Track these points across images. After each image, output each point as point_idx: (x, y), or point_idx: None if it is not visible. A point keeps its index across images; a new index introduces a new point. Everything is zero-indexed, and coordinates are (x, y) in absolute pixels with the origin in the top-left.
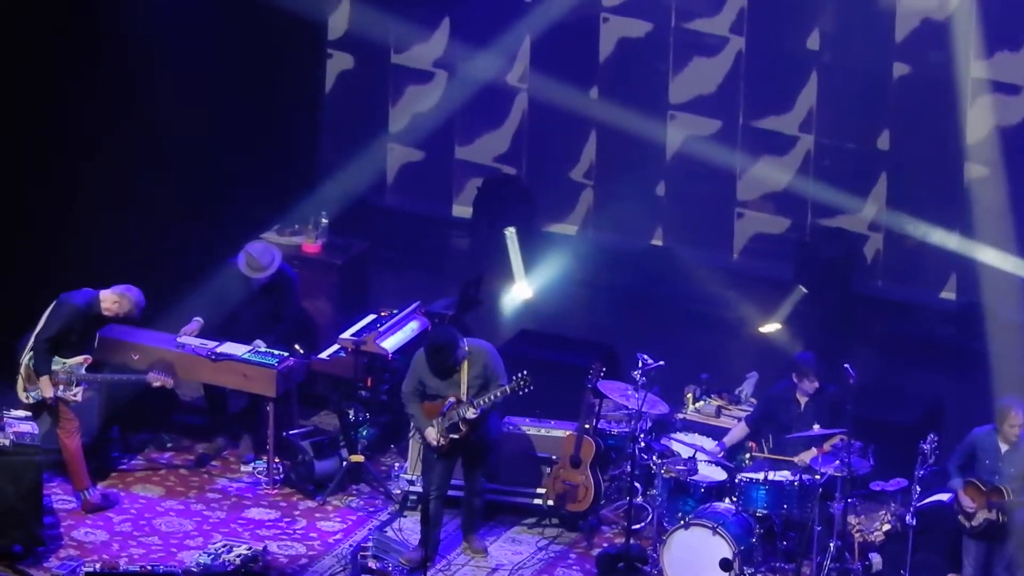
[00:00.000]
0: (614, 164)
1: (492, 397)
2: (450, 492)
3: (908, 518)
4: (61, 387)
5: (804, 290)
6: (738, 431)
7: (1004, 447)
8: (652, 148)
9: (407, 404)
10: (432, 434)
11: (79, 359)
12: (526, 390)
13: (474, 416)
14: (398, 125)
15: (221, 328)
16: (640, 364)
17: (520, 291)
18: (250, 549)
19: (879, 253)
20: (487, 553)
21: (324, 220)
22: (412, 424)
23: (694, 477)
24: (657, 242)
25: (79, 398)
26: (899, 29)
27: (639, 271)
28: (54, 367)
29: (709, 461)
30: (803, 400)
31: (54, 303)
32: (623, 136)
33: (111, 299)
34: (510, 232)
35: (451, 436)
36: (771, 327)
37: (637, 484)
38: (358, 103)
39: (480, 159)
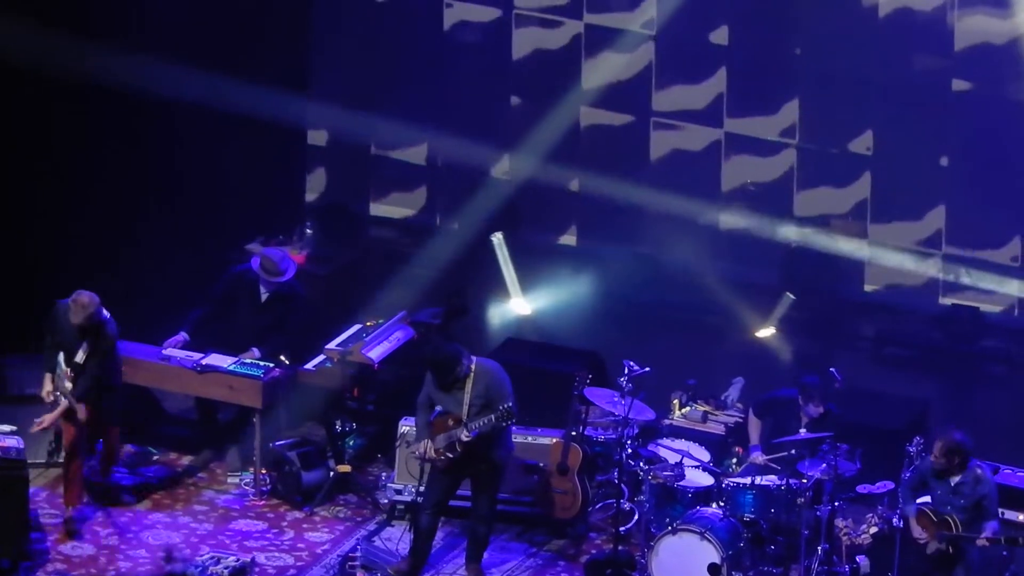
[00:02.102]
0: (601, 174)
1: (483, 423)
2: (452, 502)
3: (895, 521)
4: (57, 392)
5: (792, 296)
6: (755, 426)
7: (953, 480)
8: (637, 156)
9: (417, 413)
10: (421, 447)
11: (68, 372)
12: (509, 423)
13: (467, 439)
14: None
15: (220, 337)
16: (626, 370)
17: (518, 306)
18: (238, 560)
19: (865, 258)
20: None
21: (309, 230)
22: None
23: (681, 483)
24: (642, 249)
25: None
26: (886, 33)
27: (625, 278)
28: (57, 371)
29: (696, 466)
30: (805, 420)
31: None
32: (609, 146)
33: (69, 306)
34: (497, 238)
35: (448, 455)
36: (766, 331)
37: (625, 490)
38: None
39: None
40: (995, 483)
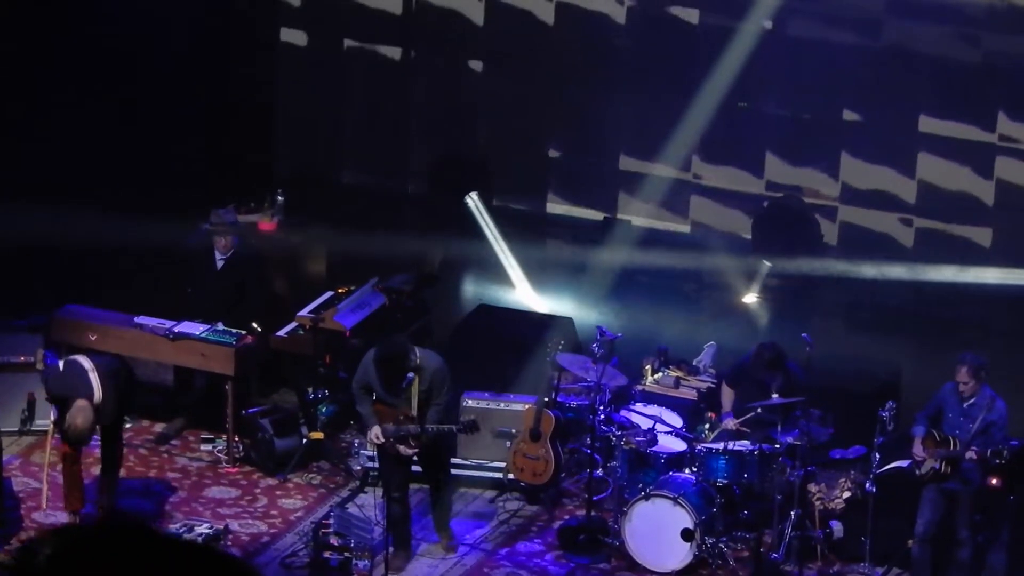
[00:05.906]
0: (575, 139)
1: (440, 428)
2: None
3: (868, 485)
4: None
5: (768, 264)
6: (727, 395)
7: (967, 403)
8: (611, 121)
9: (356, 400)
10: (375, 433)
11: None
12: (469, 434)
13: (416, 442)
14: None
15: (186, 307)
16: (599, 336)
17: (525, 296)
18: (211, 528)
19: (837, 224)
20: (457, 551)
21: (280, 198)
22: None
23: (654, 448)
24: (617, 214)
25: None
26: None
27: (600, 244)
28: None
29: (669, 431)
30: (775, 389)
31: None
32: (583, 114)
33: None
34: (473, 197)
35: (399, 447)
36: (749, 298)
37: (597, 456)
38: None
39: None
40: (1006, 413)
